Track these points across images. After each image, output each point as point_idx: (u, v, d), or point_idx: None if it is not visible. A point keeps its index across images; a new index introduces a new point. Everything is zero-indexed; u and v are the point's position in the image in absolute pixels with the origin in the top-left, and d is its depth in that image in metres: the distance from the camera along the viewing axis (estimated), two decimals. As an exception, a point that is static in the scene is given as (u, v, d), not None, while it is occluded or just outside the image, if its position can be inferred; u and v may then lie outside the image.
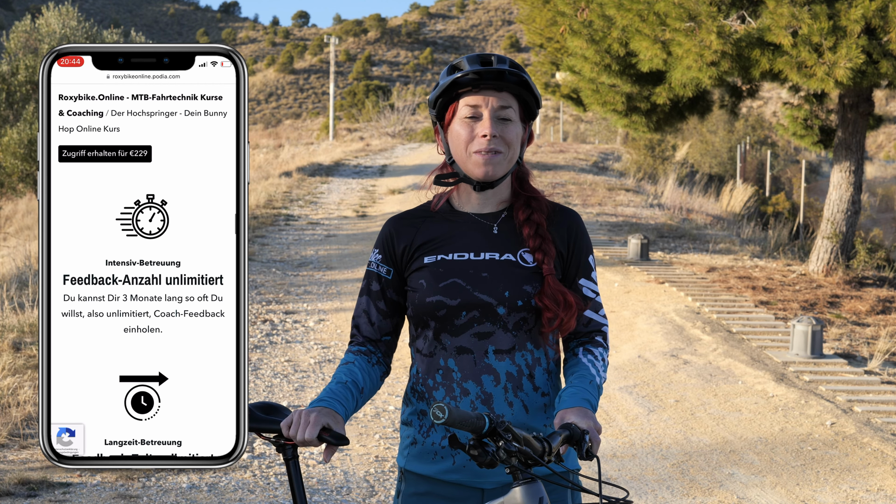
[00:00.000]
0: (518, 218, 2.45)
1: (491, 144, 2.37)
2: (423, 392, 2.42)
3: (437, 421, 1.87)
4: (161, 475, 5.56)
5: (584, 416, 2.21)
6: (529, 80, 2.41)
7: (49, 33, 18.97)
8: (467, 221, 2.46)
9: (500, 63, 2.38)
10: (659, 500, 5.64)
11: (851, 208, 12.22)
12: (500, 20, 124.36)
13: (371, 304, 2.48)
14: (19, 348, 7.92)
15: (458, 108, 2.41)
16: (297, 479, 2.31)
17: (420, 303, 2.39)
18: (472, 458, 1.96)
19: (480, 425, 1.94)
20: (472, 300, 2.37)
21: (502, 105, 2.39)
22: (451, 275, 2.39)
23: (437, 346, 2.40)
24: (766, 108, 46.99)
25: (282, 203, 19.08)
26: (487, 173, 2.38)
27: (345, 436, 2.19)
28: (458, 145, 2.41)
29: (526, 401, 2.38)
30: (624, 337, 9.38)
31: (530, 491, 1.99)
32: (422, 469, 2.41)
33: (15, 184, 18.47)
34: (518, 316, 2.37)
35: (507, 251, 2.42)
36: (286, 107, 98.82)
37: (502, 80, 2.37)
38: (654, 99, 12.19)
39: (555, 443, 2.06)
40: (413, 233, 2.46)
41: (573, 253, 2.47)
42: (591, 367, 2.39)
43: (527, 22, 16.51)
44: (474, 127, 2.39)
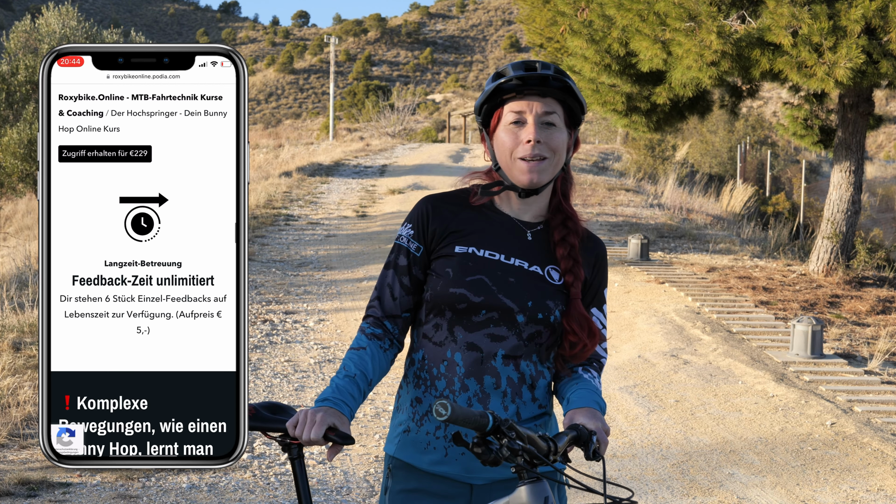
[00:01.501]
0: (553, 237, 2.45)
1: (536, 150, 2.37)
2: (426, 379, 2.41)
3: (440, 418, 1.86)
4: (161, 475, 5.56)
5: (593, 417, 2.22)
6: (574, 86, 2.41)
7: (49, 33, 18.96)
8: (504, 222, 2.46)
9: (544, 69, 2.38)
10: (659, 500, 5.64)
11: (851, 208, 12.22)
12: (500, 20, 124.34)
13: (396, 279, 2.46)
14: (19, 348, 7.92)
15: (503, 114, 2.42)
16: (303, 478, 2.31)
17: (443, 291, 2.38)
18: (475, 455, 1.95)
19: (484, 423, 1.93)
20: (495, 301, 2.37)
21: (546, 111, 2.39)
22: (478, 271, 2.39)
23: (448, 338, 2.39)
24: (766, 108, 46.99)
25: (282, 203, 19.08)
26: (532, 181, 2.39)
27: (350, 436, 2.19)
28: (503, 151, 2.41)
29: (521, 409, 2.38)
30: (624, 337, 9.38)
31: (536, 490, 1.98)
32: (411, 458, 2.40)
33: (15, 184, 18.46)
34: (534, 328, 2.38)
35: (536, 263, 2.42)
36: (286, 107, 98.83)
37: (546, 85, 2.38)
38: (654, 99, 12.19)
39: (561, 443, 2.06)
40: (449, 217, 2.45)
41: (593, 282, 2.49)
42: (592, 381, 2.42)
43: (527, 22, 16.50)
44: (519, 133, 2.39)
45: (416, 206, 2.50)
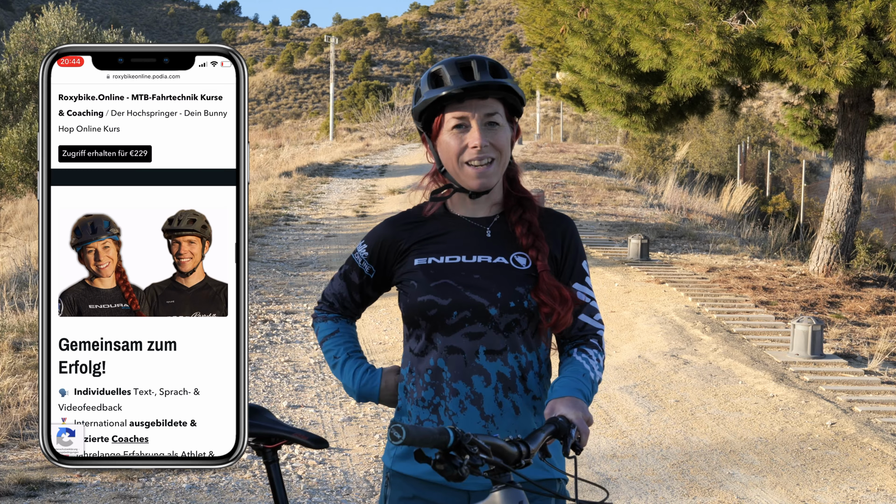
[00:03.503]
0: (510, 219, 2.45)
1: (482, 154, 2.36)
2: (412, 391, 2.42)
3: (395, 442, 1.84)
4: (161, 475, 5.56)
5: (574, 407, 2.19)
6: (511, 84, 2.38)
7: (49, 33, 18.96)
8: (460, 225, 2.47)
9: (480, 70, 2.35)
10: (659, 500, 5.64)
11: (851, 208, 12.22)
12: (500, 20, 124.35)
13: (347, 292, 2.58)
14: (19, 348, 7.92)
15: (445, 119, 2.40)
16: (279, 481, 2.30)
17: (412, 302, 2.40)
18: (438, 472, 1.92)
19: (444, 440, 1.89)
20: (464, 300, 2.36)
21: (488, 111, 2.38)
22: (442, 276, 2.39)
23: (429, 346, 2.40)
24: (766, 108, 46.99)
25: (282, 203, 19.08)
26: (483, 184, 2.39)
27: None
28: (449, 156, 2.40)
29: (517, 402, 2.37)
30: (624, 337, 9.37)
31: (509, 495, 1.96)
32: (408, 469, 2.40)
33: (15, 184, 18.46)
34: (510, 317, 2.37)
35: (500, 254, 2.42)
36: (286, 107, 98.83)
37: (487, 90, 2.36)
38: (654, 99, 12.19)
39: (534, 444, 2.02)
40: (406, 236, 2.47)
41: (566, 257, 2.47)
42: (584, 364, 2.37)
43: (527, 22, 16.51)
44: (463, 137, 2.38)
45: (375, 228, 2.53)
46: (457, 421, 2.35)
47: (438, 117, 2.41)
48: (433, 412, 2.38)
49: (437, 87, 2.37)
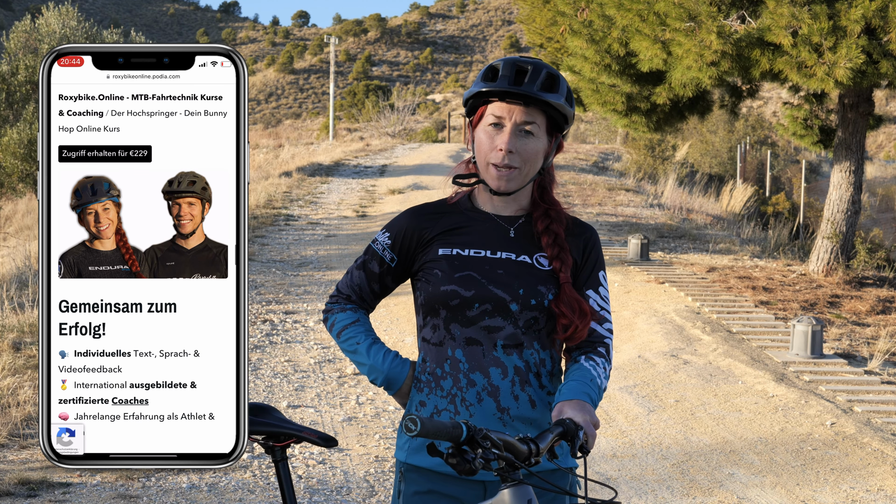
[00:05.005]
0: (536, 228, 2.47)
1: (506, 160, 2.38)
2: (430, 381, 2.43)
3: (410, 434, 1.85)
4: (161, 475, 5.56)
5: (582, 410, 2.21)
6: (556, 102, 2.37)
7: (49, 33, 18.95)
8: (485, 220, 2.49)
9: (532, 80, 2.36)
10: (659, 500, 5.64)
11: (851, 208, 12.22)
12: (500, 20, 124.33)
13: (365, 283, 2.55)
14: (19, 348, 7.92)
15: (485, 113, 2.43)
16: (287, 480, 2.29)
17: (434, 291, 2.41)
18: (451, 466, 1.94)
19: (457, 434, 1.91)
20: (486, 294, 2.39)
21: (526, 120, 2.39)
22: (466, 268, 2.42)
23: (447, 336, 2.42)
24: (766, 108, 46.98)
25: (282, 203, 19.07)
26: (500, 188, 2.42)
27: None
28: (480, 151, 2.44)
29: (533, 395, 2.40)
30: (624, 337, 9.37)
31: (518, 493, 1.97)
32: (423, 462, 2.41)
33: (15, 184, 18.45)
34: (530, 315, 2.39)
35: (524, 253, 2.44)
36: (286, 107, 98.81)
37: (528, 99, 2.37)
38: (654, 99, 12.19)
39: (544, 443, 2.03)
40: (430, 226, 2.49)
41: (585, 265, 2.49)
42: (591, 370, 2.39)
43: (527, 22, 16.50)
44: (495, 138, 2.40)
45: (397, 216, 2.55)
46: (473, 412, 2.37)
47: (482, 108, 2.45)
48: (451, 402, 2.40)
49: (486, 81, 2.40)
